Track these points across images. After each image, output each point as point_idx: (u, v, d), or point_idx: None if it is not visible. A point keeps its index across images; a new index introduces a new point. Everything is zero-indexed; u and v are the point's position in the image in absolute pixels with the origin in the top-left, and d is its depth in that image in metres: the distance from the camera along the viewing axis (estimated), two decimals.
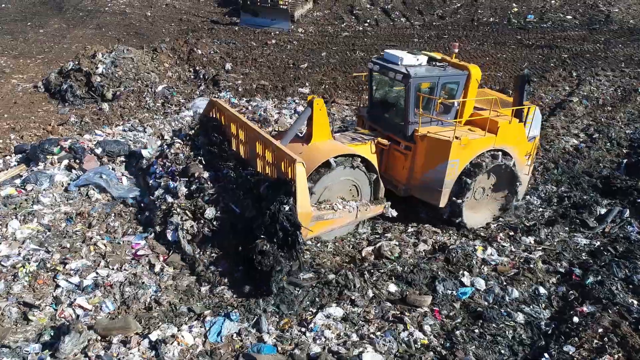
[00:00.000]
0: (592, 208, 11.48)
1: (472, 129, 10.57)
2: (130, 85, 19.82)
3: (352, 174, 9.92)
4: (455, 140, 9.91)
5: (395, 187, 11.01)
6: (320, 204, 9.53)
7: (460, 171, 10.31)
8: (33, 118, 18.25)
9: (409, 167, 10.67)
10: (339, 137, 10.75)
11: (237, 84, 20.41)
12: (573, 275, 9.32)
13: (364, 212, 10.13)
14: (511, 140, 10.83)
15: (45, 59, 23.98)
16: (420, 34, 25.20)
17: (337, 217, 9.62)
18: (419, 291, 8.78)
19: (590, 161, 14.44)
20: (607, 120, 16.63)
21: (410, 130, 10.49)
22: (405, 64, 10.27)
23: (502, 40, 23.80)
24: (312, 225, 9.08)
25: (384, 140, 10.79)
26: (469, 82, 10.49)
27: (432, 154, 10.26)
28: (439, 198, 10.41)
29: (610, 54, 21.59)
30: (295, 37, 25.50)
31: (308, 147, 9.86)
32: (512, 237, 10.58)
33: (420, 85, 10.24)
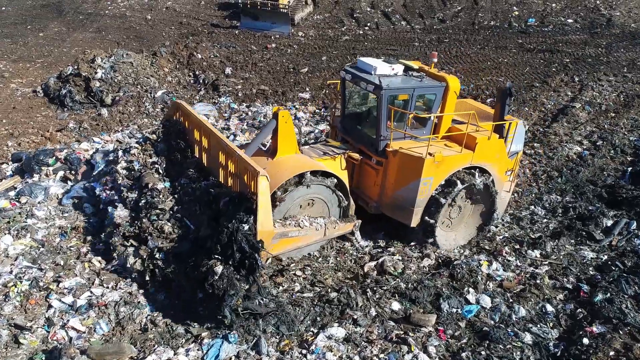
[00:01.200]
0: (598, 220, 11.11)
1: (449, 144, 9.83)
2: (129, 90, 19.45)
3: (320, 191, 9.27)
4: (428, 157, 9.18)
5: (366, 203, 10.28)
6: (286, 220, 8.85)
7: (434, 189, 9.64)
8: (32, 123, 17.89)
9: (381, 183, 9.93)
10: (307, 151, 10.08)
11: (237, 88, 20.05)
12: (581, 292, 8.96)
13: (333, 231, 9.43)
14: (490, 157, 10.11)
15: (44, 63, 23.60)
16: (420, 38, 24.81)
17: (303, 234, 8.94)
18: (423, 309, 8.43)
19: (594, 169, 14.07)
20: (610, 127, 16.25)
21: (382, 144, 9.72)
22: (378, 74, 9.47)
23: (503, 44, 23.41)
24: (276, 243, 8.50)
25: (355, 155, 10.10)
26: (446, 95, 9.72)
27: (404, 171, 9.54)
28: (410, 217, 9.73)
29: (612, 58, 21.20)
30: (295, 40, 25.12)
31: (273, 162, 9.21)
32: (518, 251, 10.22)
33: (394, 97, 9.55)
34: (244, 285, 7.44)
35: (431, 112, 9.84)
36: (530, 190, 12.98)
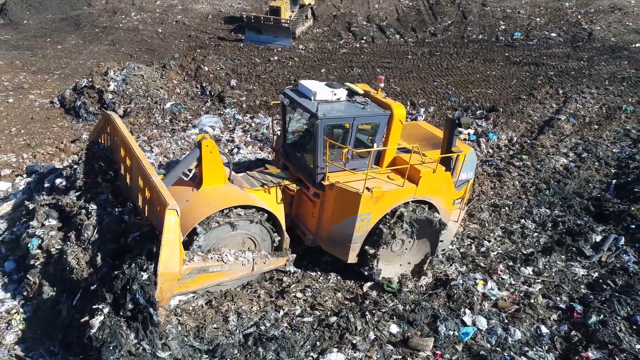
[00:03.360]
0: (587, 235, 10.44)
1: (392, 176, 8.54)
2: (140, 102, 18.74)
3: (247, 226, 7.85)
4: (366, 192, 7.91)
5: (304, 234, 8.96)
6: (208, 254, 7.42)
7: (372, 225, 8.32)
8: (48, 134, 17.20)
9: (318, 216, 8.59)
10: (240, 180, 8.75)
11: (241, 100, 19.32)
12: (575, 312, 8.30)
13: (262, 266, 8.07)
14: (435, 191, 8.76)
15: (62, 74, 22.85)
16: (413, 51, 24.04)
17: (226, 269, 7.56)
18: (421, 332, 7.77)
19: (580, 181, 13.38)
20: (594, 139, 15.55)
21: (319, 176, 8.34)
22: (318, 100, 8.12)
23: (491, 57, 22.65)
24: (193, 279, 7.19)
25: (292, 186, 8.81)
26: (391, 124, 8.34)
27: (340, 205, 8.20)
28: (347, 254, 8.48)
29: (594, 71, 20.46)
30: (296, 53, 24.34)
31: (197, 194, 7.82)
32: (512, 268, 9.55)
33: (332, 127, 8.25)
34: (132, 340, 5.91)
35: (374, 141, 8.49)
36: (520, 203, 12.29)
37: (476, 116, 17.29)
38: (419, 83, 20.30)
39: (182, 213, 7.19)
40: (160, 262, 6.13)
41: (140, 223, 7.06)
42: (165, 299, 6.42)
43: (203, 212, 7.38)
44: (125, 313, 6.00)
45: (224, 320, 7.50)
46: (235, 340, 7.10)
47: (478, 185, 13.09)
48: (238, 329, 7.36)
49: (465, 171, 9.33)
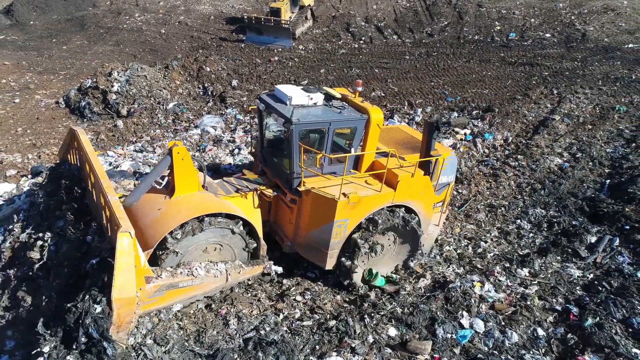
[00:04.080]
0: (582, 237, 10.24)
1: (370, 181, 8.21)
2: (143, 102, 18.50)
3: (221, 234, 7.42)
4: (342, 198, 7.58)
5: (282, 240, 8.62)
6: (177, 268, 6.99)
7: (350, 231, 7.99)
8: (53, 134, 16.96)
9: (295, 222, 8.26)
10: (215, 187, 8.35)
11: (242, 100, 19.07)
12: (571, 314, 8.11)
13: (237, 276, 7.65)
14: (414, 195, 8.40)
15: (67, 75, 22.58)
16: (411, 51, 23.73)
17: (197, 283, 7.15)
18: (419, 335, 7.59)
19: (574, 181, 13.16)
20: (588, 139, 15.31)
21: (296, 182, 8.01)
22: (294, 104, 7.77)
23: (486, 58, 22.34)
24: (162, 295, 6.77)
25: (268, 191, 8.43)
26: (368, 128, 8.00)
27: (317, 212, 7.88)
28: (324, 260, 8.13)
29: (588, 71, 20.17)
30: (296, 54, 24.04)
31: (169, 202, 7.41)
32: (508, 270, 9.36)
33: (307, 132, 7.90)
34: None
35: (352, 146, 8.17)
36: (516, 203, 12.08)
37: (472, 116, 17.04)
38: (417, 83, 20.03)
39: (153, 222, 7.04)
40: (114, 288, 5.64)
41: (102, 247, 6.51)
42: (124, 324, 5.96)
43: (174, 221, 6.96)
44: (78, 347, 5.57)
45: (224, 325, 7.31)
46: (235, 345, 6.92)
47: (474, 186, 12.88)
48: (238, 333, 7.19)
49: (446, 174, 9.08)
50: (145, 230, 6.99)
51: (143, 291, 6.22)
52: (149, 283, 6.37)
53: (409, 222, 8.39)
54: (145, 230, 7.00)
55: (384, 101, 18.54)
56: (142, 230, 6.96)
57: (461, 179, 13.09)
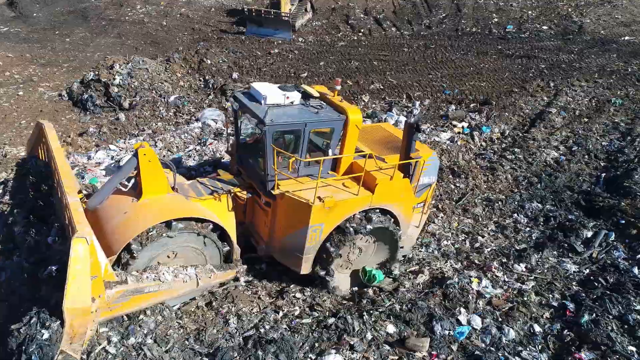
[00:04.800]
0: (579, 231, 10.06)
1: (348, 183, 7.74)
2: (145, 95, 18.15)
3: (190, 239, 6.97)
4: (317, 202, 7.14)
5: (257, 242, 8.20)
6: (144, 273, 6.58)
7: (325, 235, 7.56)
8: (57, 127, 16.55)
9: (270, 225, 7.82)
10: (187, 188, 7.81)
11: None
12: (567, 311, 7.97)
13: (208, 281, 7.20)
14: (393, 198, 7.96)
15: (70, 67, 22.18)
16: (409, 44, 23.30)
17: (165, 288, 6.73)
18: (417, 332, 7.44)
19: (570, 175, 12.95)
20: (584, 133, 15.06)
21: (270, 185, 7.51)
22: (269, 104, 7.23)
23: (484, 50, 21.95)
24: (126, 301, 6.32)
25: (242, 193, 7.96)
26: (346, 129, 7.51)
27: (291, 216, 7.45)
28: (299, 265, 7.73)
29: (584, 64, 19.82)
30: (296, 46, 23.61)
31: (136, 205, 6.92)
32: (505, 265, 9.19)
33: (281, 133, 7.39)
34: None
35: (329, 147, 7.70)
36: (513, 197, 11.88)
37: (470, 109, 16.75)
38: (415, 76, 19.68)
39: (119, 225, 6.63)
40: (67, 297, 5.12)
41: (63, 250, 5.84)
42: (78, 335, 5.43)
43: (140, 226, 6.53)
44: None
45: (224, 323, 7.16)
46: (235, 343, 6.77)
47: (472, 179, 12.66)
48: (238, 331, 7.04)
49: (427, 175, 8.69)
50: (110, 233, 6.58)
51: (102, 299, 5.80)
52: (110, 289, 5.97)
53: (385, 225, 7.93)
54: (111, 233, 6.58)
55: (383, 94, 18.22)
56: (107, 234, 6.55)
57: (459, 172, 12.88)
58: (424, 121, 14.97)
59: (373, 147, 8.53)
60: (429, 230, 10.33)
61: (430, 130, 15.02)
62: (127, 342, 6.28)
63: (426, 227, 10.39)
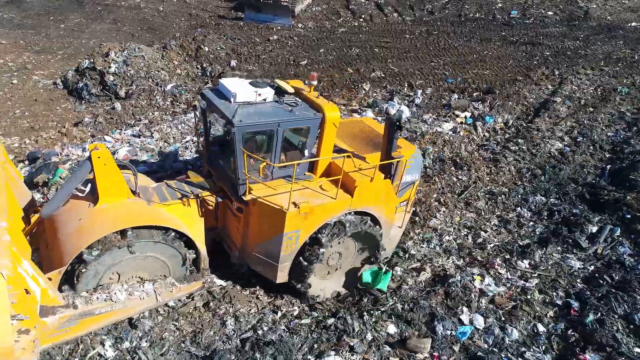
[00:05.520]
0: (583, 226, 9.87)
1: (326, 186, 7.21)
2: (141, 83, 17.80)
3: (153, 248, 6.43)
4: (292, 208, 6.62)
5: (230, 248, 7.67)
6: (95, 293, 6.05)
7: (302, 242, 7.11)
8: (52, 116, 16.39)
9: (242, 232, 7.29)
10: (150, 192, 7.11)
11: None
12: (571, 310, 7.82)
13: (169, 295, 6.66)
14: (373, 200, 7.47)
15: (65, 54, 21.75)
16: (411, 30, 22.82)
17: (119, 308, 6.20)
18: (418, 332, 7.31)
19: (575, 166, 12.72)
20: (589, 122, 14.78)
21: (242, 189, 6.89)
22: (239, 101, 6.62)
23: (487, 37, 21.49)
24: (74, 325, 5.86)
25: (210, 198, 7.34)
26: (323, 128, 6.93)
27: (265, 223, 6.90)
28: (275, 274, 7.25)
29: (590, 51, 19.40)
30: (295, 32, 23.13)
31: (92, 212, 6.34)
32: (508, 262, 9.02)
33: (252, 134, 6.75)
34: None
35: (305, 147, 7.13)
36: (516, 190, 11.66)
37: (473, 98, 16.43)
38: (417, 63, 19.29)
39: (72, 234, 6.13)
40: None
41: None
42: None
43: (92, 235, 5.97)
44: None
45: (221, 324, 7.01)
46: (232, 346, 6.63)
47: (474, 171, 12.42)
48: (235, 333, 6.89)
49: (410, 173, 8.19)
50: (63, 242, 6.08)
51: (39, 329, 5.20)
52: (54, 314, 5.46)
53: (364, 229, 7.50)
54: (64, 242, 6.07)
55: (384, 82, 17.87)
56: (60, 243, 6.07)
57: (461, 164, 12.64)
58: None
59: (353, 144, 8.04)
60: (431, 225, 10.13)
61: (432, 120, 14.72)
62: (121, 346, 6.12)
63: (428, 222, 10.20)
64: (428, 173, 12.27)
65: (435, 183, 11.75)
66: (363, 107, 15.60)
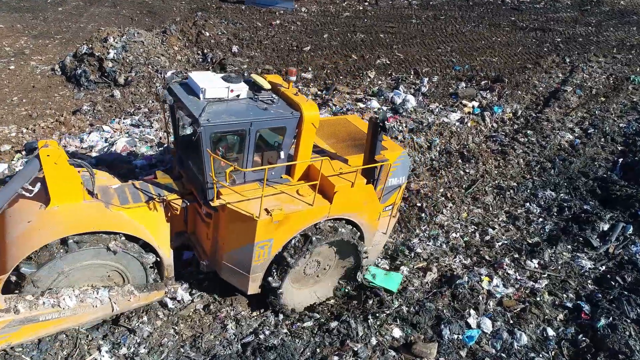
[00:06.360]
0: (594, 224, 9.60)
1: (304, 190, 6.63)
2: (141, 70, 17.40)
3: (106, 256, 5.94)
4: (263, 216, 6.07)
5: (200, 256, 7.11)
6: (41, 297, 5.60)
7: (276, 251, 6.58)
8: (50, 104, 16.08)
9: (212, 239, 6.77)
10: (111, 193, 6.56)
11: (243, 68, 17.94)
12: (582, 313, 7.60)
13: (127, 304, 6.19)
14: (354, 207, 6.94)
15: (62, 39, 21.30)
16: (417, 15, 22.23)
17: (68, 315, 5.74)
18: (424, 336, 7.11)
19: (585, 159, 12.39)
20: (601, 113, 14.37)
21: (210, 194, 6.29)
22: (208, 98, 6.03)
23: (496, 22, 20.90)
24: (15, 332, 5.46)
25: (176, 202, 6.74)
26: (300, 128, 6.36)
27: (234, 230, 6.38)
28: (246, 285, 6.73)
29: (602, 38, 18.84)
30: (298, 17, 22.57)
31: (42, 214, 5.80)
32: (517, 261, 8.78)
33: (221, 135, 6.11)
34: None
35: (281, 149, 6.51)
36: (525, 184, 11.36)
37: (481, 87, 16.00)
38: (423, 50, 18.79)
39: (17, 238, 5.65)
40: None
41: None
42: None
43: (41, 239, 5.48)
44: None
45: (221, 328, 6.82)
46: (232, 351, 6.45)
47: (482, 164, 12.11)
48: (236, 337, 6.70)
49: (396, 176, 7.66)
50: (9, 246, 5.62)
51: None
52: None
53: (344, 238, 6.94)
54: (10, 246, 5.61)
55: (389, 69, 17.43)
56: (7, 246, 5.64)
57: (468, 157, 12.32)
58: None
59: (336, 145, 7.48)
60: (437, 222, 9.88)
61: (439, 110, 14.34)
62: (118, 352, 5.95)
63: (434, 219, 9.95)
64: (434, 166, 11.98)
65: (442, 177, 11.46)
66: (368, 96, 15.21)
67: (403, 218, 9.90)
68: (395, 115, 13.71)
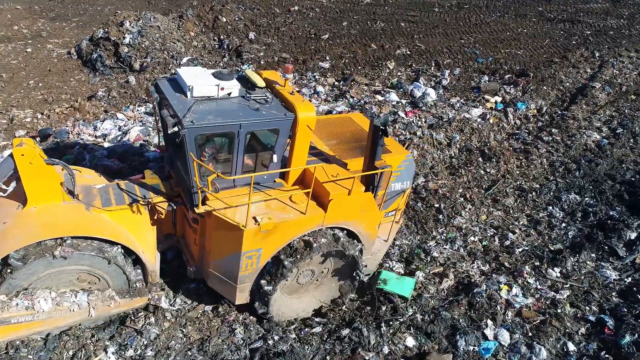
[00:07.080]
0: (621, 232, 9.17)
1: (297, 197, 6.23)
2: (156, 56, 17.22)
3: (86, 261, 5.67)
4: (251, 225, 5.71)
5: (187, 261, 6.80)
6: (15, 298, 5.39)
7: (265, 261, 6.22)
8: (65, 88, 16.04)
9: (200, 245, 6.47)
10: (95, 193, 6.25)
11: (259, 55, 17.63)
12: (606, 328, 7.26)
13: (107, 309, 5.97)
14: (351, 215, 6.51)
15: (79, 22, 21.23)
16: (441, 3, 21.52)
17: (42, 318, 5.55)
18: (439, 346, 6.87)
19: (613, 161, 11.86)
20: (630, 112, 13.75)
21: (196, 199, 5.87)
22: (196, 96, 5.65)
23: (523, 12, 20.12)
24: None
25: (162, 205, 6.40)
26: (295, 131, 5.92)
27: (221, 239, 6.05)
28: (233, 295, 6.42)
29: (635, 31, 17.99)
30: (317, 3, 22.05)
31: (19, 215, 5.54)
32: (538, 269, 8.43)
33: (208, 137, 5.73)
34: None
35: (274, 152, 6.10)
36: (548, 186, 10.93)
37: (504, 81, 15.43)
38: (445, 40, 18.20)
39: None
40: None
41: None
42: None
43: (11, 245, 5.23)
44: None
45: (230, 332, 6.67)
46: (240, 356, 6.30)
47: (503, 164, 11.68)
48: (245, 342, 6.55)
49: (400, 181, 7.26)
50: None
51: None
52: None
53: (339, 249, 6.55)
54: None
55: (410, 60, 16.93)
56: None
57: (489, 155, 11.90)
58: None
59: (336, 147, 7.05)
60: (455, 224, 9.55)
61: (459, 105, 13.87)
62: (125, 353, 5.84)
63: (452, 221, 9.62)
64: (454, 164, 11.60)
65: (461, 176, 11.08)
66: (387, 88, 14.79)
67: (420, 219, 9.61)
68: (415, 110, 13.30)
